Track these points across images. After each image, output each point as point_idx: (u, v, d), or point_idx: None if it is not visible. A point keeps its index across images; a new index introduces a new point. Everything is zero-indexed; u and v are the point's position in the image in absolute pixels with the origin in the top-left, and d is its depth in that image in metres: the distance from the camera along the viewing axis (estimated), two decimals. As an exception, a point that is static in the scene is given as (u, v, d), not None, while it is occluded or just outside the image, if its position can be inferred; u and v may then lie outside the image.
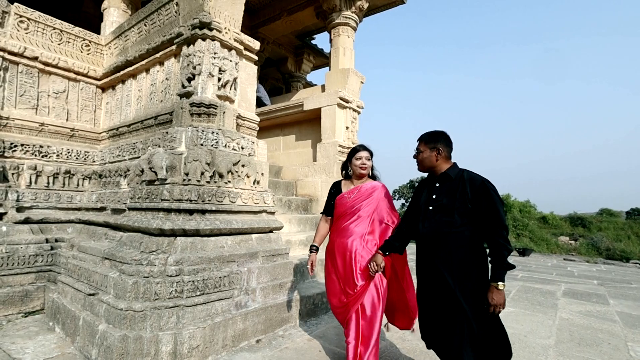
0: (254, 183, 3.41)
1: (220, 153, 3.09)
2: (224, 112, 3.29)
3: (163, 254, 2.58)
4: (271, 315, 2.98)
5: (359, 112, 5.81)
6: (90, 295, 2.63)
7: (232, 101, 3.46)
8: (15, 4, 3.92)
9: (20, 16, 3.94)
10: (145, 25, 3.96)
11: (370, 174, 2.43)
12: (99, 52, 4.62)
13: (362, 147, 2.39)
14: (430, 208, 1.96)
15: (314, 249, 2.47)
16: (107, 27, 4.87)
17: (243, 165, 3.29)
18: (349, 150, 2.95)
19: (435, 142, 1.97)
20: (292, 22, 6.95)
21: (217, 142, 3.14)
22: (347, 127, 5.54)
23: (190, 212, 2.85)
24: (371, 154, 2.41)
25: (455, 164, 2.00)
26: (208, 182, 3.00)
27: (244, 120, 3.59)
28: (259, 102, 6.38)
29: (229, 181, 3.17)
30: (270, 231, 3.50)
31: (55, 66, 4.19)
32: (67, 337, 2.73)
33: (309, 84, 8.77)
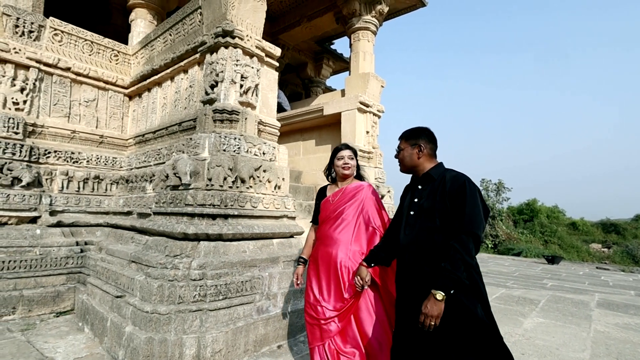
0: (275, 188, 3.42)
1: (242, 158, 3.13)
2: (245, 118, 3.34)
3: (187, 258, 2.62)
4: (292, 320, 2.96)
5: (379, 117, 5.77)
6: (117, 297, 2.70)
7: (253, 107, 3.51)
8: (51, 17, 4.13)
9: (55, 29, 4.15)
10: (170, 35, 4.08)
11: (356, 174, 2.24)
12: (126, 62, 4.80)
13: (344, 146, 2.22)
14: (412, 213, 1.73)
15: (301, 261, 2.28)
16: (134, 37, 5.06)
17: (264, 171, 3.31)
18: (367, 153, 2.88)
19: (416, 138, 1.77)
20: (312, 27, 7.01)
21: (239, 148, 3.18)
22: (368, 132, 5.50)
23: (213, 216, 2.89)
24: (355, 152, 2.23)
25: (440, 163, 1.78)
26: (230, 187, 3.04)
27: (265, 125, 3.63)
28: (279, 108, 6.44)
29: (251, 186, 3.20)
30: (291, 236, 3.50)
31: (86, 76, 4.38)
32: (96, 338, 2.82)
33: (329, 89, 8.80)
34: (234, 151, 3.15)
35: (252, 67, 3.45)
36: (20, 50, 3.85)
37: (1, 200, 3.53)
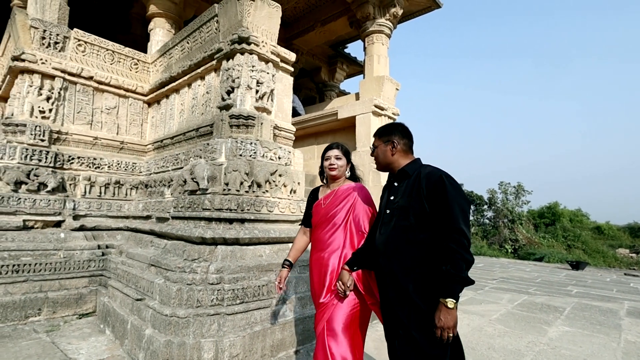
0: (290, 192, 3.43)
1: (258, 163, 3.15)
2: (261, 123, 3.37)
3: (205, 262, 2.65)
4: (309, 325, 2.94)
5: (394, 120, 5.72)
6: (137, 300, 2.75)
7: (269, 112, 3.53)
8: (75, 29, 4.29)
9: (79, 40, 4.31)
10: (187, 42, 4.17)
11: (349, 174, 2.10)
12: (145, 70, 4.93)
13: (333, 145, 2.07)
14: (387, 211, 1.65)
15: (286, 264, 2.12)
16: (153, 46, 5.20)
17: (280, 175, 3.33)
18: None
19: (389, 134, 1.70)
20: (326, 32, 7.04)
21: (255, 153, 3.20)
22: (382, 135, 5.46)
23: (230, 221, 2.92)
24: (345, 152, 2.07)
25: (416, 159, 1.70)
26: (247, 191, 3.06)
27: (280, 130, 3.65)
28: (294, 112, 6.48)
29: (267, 190, 3.22)
30: (307, 240, 3.49)
31: (108, 84, 4.52)
32: (117, 340, 2.87)
33: (343, 93, 8.80)
34: (250, 156, 3.17)
35: (268, 73, 3.48)
36: (46, 60, 4.01)
37: (28, 204, 3.67)
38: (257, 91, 3.39)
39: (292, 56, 3.74)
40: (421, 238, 1.50)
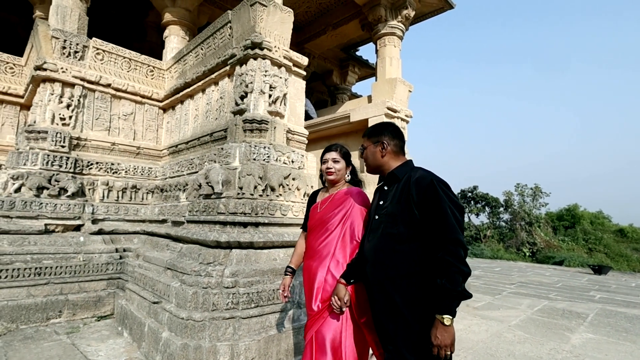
0: (304, 196, 3.43)
1: (272, 167, 3.16)
2: (274, 127, 3.38)
3: (220, 266, 2.67)
4: (323, 330, 2.92)
5: (407, 122, 5.67)
6: (154, 303, 2.78)
7: (282, 116, 3.55)
8: (93, 38, 4.42)
9: (97, 49, 4.43)
10: (201, 49, 4.24)
11: (349, 178, 1.96)
12: (161, 76, 5.03)
13: (331, 147, 1.94)
14: (376, 217, 1.55)
15: (288, 271, 2.03)
16: (168, 53, 5.30)
17: (293, 179, 3.33)
18: None
19: (378, 135, 1.60)
20: (337, 35, 7.05)
21: (268, 157, 3.22)
22: (396, 137, 5.41)
23: (245, 224, 2.93)
24: (345, 154, 1.93)
25: (407, 161, 1.59)
26: (261, 195, 3.07)
27: (293, 134, 3.65)
28: (306, 116, 6.49)
29: (280, 194, 3.22)
30: (321, 244, 3.47)
31: (125, 91, 4.63)
32: (134, 342, 2.91)
33: (355, 95, 8.78)
34: (264, 160, 3.19)
35: (280, 77, 3.50)
36: (67, 69, 4.14)
37: (49, 209, 3.78)
38: (270, 95, 3.41)
39: (304, 60, 3.75)
40: (410, 247, 1.40)
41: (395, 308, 1.40)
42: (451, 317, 1.29)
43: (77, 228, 3.99)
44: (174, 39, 5.36)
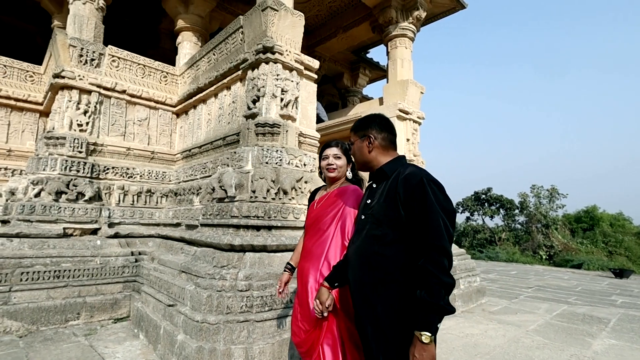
0: (316, 199, 3.42)
1: (284, 170, 3.17)
2: (286, 131, 3.39)
3: (233, 269, 2.68)
4: (337, 334, 2.90)
5: (419, 124, 5.63)
6: (169, 306, 2.81)
7: (294, 120, 3.56)
8: (109, 45, 4.52)
9: (113, 56, 4.53)
10: (213, 54, 4.29)
11: (351, 176, 1.87)
12: (174, 82, 5.11)
13: (332, 143, 1.87)
14: (362, 217, 1.44)
15: (287, 267, 1.98)
16: (181, 59, 5.39)
17: (305, 182, 3.33)
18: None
19: (365, 128, 1.47)
20: (348, 38, 7.05)
21: (280, 160, 3.23)
22: (408, 140, 5.38)
23: (258, 228, 2.94)
24: (345, 150, 1.83)
25: (398, 157, 1.45)
26: (273, 198, 3.08)
27: (305, 137, 3.66)
28: (317, 119, 6.51)
29: (293, 197, 3.22)
30: (333, 247, 3.46)
31: (139, 97, 4.72)
32: (150, 345, 2.94)
33: (366, 98, 8.76)
34: (276, 163, 3.20)
35: (292, 81, 3.51)
36: (84, 77, 4.24)
37: (68, 213, 3.87)
38: (281, 99, 3.43)
39: (315, 63, 3.76)
40: (395, 251, 1.28)
41: (375, 316, 1.28)
42: (430, 335, 1.13)
43: (94, 232, 4.07)
44: (187, 45, 5.45)
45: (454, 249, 5.25)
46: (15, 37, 8.03)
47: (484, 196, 18.02)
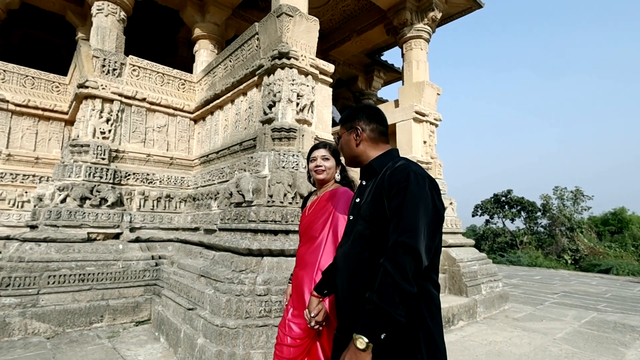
0: (333, 202, 3.40)
1: (301, 175, 3.17)
2: (302, 135, 3.40)
3: (252, 274, 2.69)
4: (356, 340, 2.86)
5: (436, 125, 5.54)
6: (189, 309, 2.85)
7: (309, 124, 3.57)
8: (130, 55, 4.66)
9: (133, 65, 4.67)
10: (230, 61, 4.36)
11: (339, 178, 1.78)
12: (191, 89, 5.22)
13: (319, 145, 1.78)
14: (351, 217, 1.31)
15: (290, 279, 1.86)
16: (198, 66, 5.50)
17: (322, 185, 3.32)
18: (425, 164, 2.53)
19: (352, 119, 1.34)
20: (362, 41, 7.04)
21: (297, 164, 3.23)
22: (425, 142, 5.30)
23: (275, 232, 2.95)
24: (334, 151, 1.75)
25: (389, 150, 1.31)
26: (290, 203, 3.08)
27: (320, 141, 3.66)
28: (332, 122, 6.50)
29: (309, 201, 3.22)
30: (351, 251, 3.43)
31: (159, 104, 4.84)
32: (170, 348, 2.98)
33: (380, 101, 8.70)
34: (293, 168, 3.21)
35: (307, 85, 3.52)
36: (106, 86, 4.38)
37: (92, 218, 3.98)
38: (297, 104, 3.44)
39: (330, 67, 3.76)
40: (383, 253, 1.13)
41: None
42: (367, 341, 0.98)
43: (116, 236, 4.17)
44: (204, 53, 5.56)
45: (473, 252, 5.11)
46: (42, 50, 8.41)
47: (503, 198, 17.54)
